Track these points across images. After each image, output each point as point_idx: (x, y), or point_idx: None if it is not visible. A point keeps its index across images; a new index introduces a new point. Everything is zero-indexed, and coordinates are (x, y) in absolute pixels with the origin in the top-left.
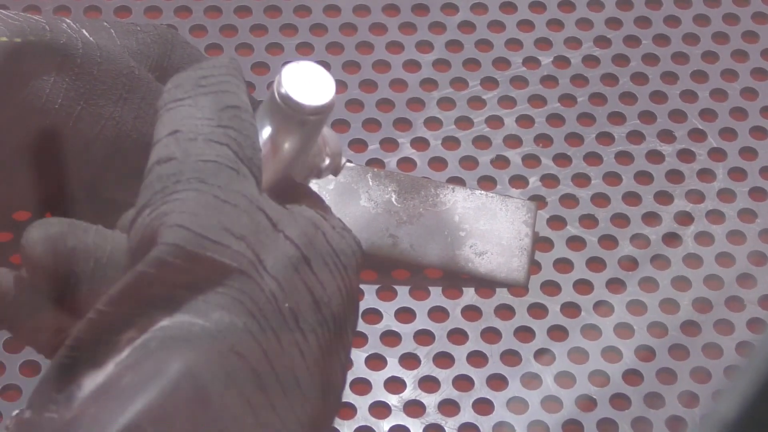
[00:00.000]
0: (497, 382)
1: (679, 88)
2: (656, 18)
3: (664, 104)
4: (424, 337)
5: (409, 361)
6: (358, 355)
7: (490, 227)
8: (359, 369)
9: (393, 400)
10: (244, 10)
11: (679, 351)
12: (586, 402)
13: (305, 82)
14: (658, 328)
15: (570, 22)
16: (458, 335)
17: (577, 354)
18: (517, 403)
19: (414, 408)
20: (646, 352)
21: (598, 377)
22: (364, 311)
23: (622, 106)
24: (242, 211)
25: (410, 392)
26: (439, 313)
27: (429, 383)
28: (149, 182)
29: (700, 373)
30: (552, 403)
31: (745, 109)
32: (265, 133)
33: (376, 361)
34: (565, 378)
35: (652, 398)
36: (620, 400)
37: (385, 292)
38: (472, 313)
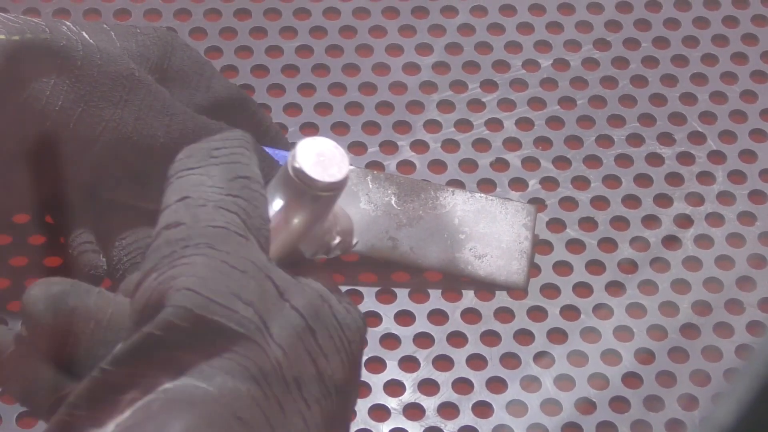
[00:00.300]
0: (497, 385)
1: (678, 90)
2: (656, 21)
3: (664, 107)
4: (424, 340)
5: (409, 363)
6: None
7: (490, 230)
8: None
9: (392, 403)
10: (244, 13)
11: (679, 354)
12: (586, 405)
13: (319, 157)
14: (657, 331)
15: (569, 25)
16: (458, 338)
17: (577, 357)
18: (517, 406)
19: (413, 411)
20: (645, 355)
21: (598, 380)
22: (363, 314)
23: (621, 109)
24: (250, 277)
25: (410, 395)
26: (438, 316)
27: (428, 386)
28: (156, 246)
29: (699, 376)
30: (551, 406)
31: (745, 112)
32: (276, 205)
33: (376, 364)
34: (565, 381)
35: (652, 401)
36: (620, 403)
37: (385, 294)
38: (471, 315)
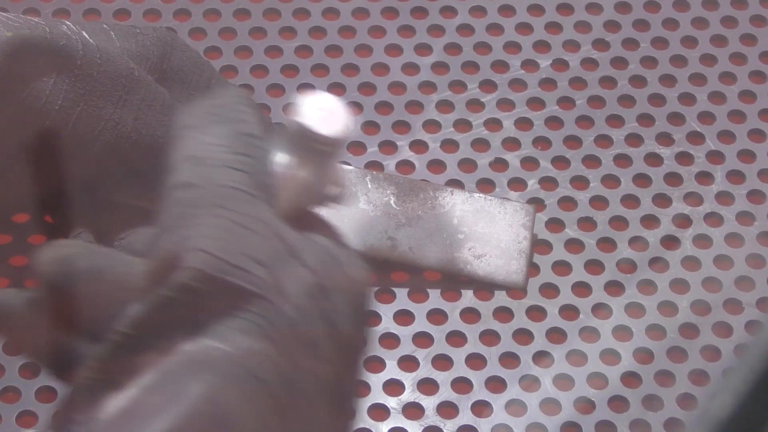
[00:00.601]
0: (496, 384)
1: (677, 91)
2: (655, 21)
3: (663, 107)
4: (423, 340)
5: (408, 363)
6: None
7: (489, 230)
8: None
9: (392, 403)
10: (243, 13)
11: (678, 353)
12: (585, 404)
13: (323, 112)
14: (656, 331)
15: (568, 25)
16: (457, 338)
17: (576, 356)
18: (516, 406)
19: (413, 410)
20: (644, 355)
21: (597, 380)
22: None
23: (620, 109)
24: (261, 236)
25: (409, 394)
26: (437, 316)
27: (428, 385)
28: (167, 207)
29: (698, 376)
30: (551, 405)
31: (744, 112)
32: (280, 160)
33: (375, 364)
34: (564, 380)
35: (651, 401)
36: (619, 403)
37: (384, 294)
38: (470, 315)
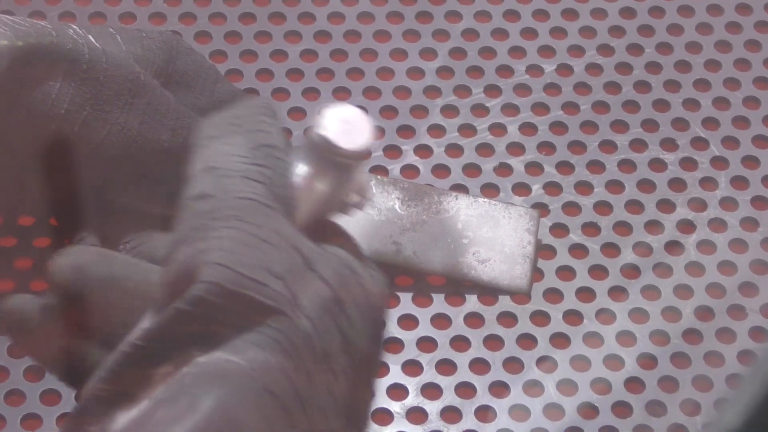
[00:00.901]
0: (499, 389)
1: (681, 96)
2: (659, 26)
3: (667, 112)
4: (427, 344)
5: (412, 367)
6: None
7: (493, 235)
8: None
9: (396, 407)
10: (249, 17)
11: (681, 359)
12: (588, 409)
13: (345, 124)
14: (660, 336)
15: (573, 31)
16: (461, 342)
17: (579, 361)
18: (519, 411)
19: (416, 415)
20: (647, 360)
21: (600, 385)
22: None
23: (624, 115)
24: (279, 249)
25: (413, 399)
26: (441, 320)
27: (431, 390)
28: (185, 218)
29: (701, 382)
30: (554, 410)
31: (748, 118)
32: (301, 172)
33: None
34: (567, 385)
35: (654, 406)
36: (622, 408)
37: None
38: (474, 320)
